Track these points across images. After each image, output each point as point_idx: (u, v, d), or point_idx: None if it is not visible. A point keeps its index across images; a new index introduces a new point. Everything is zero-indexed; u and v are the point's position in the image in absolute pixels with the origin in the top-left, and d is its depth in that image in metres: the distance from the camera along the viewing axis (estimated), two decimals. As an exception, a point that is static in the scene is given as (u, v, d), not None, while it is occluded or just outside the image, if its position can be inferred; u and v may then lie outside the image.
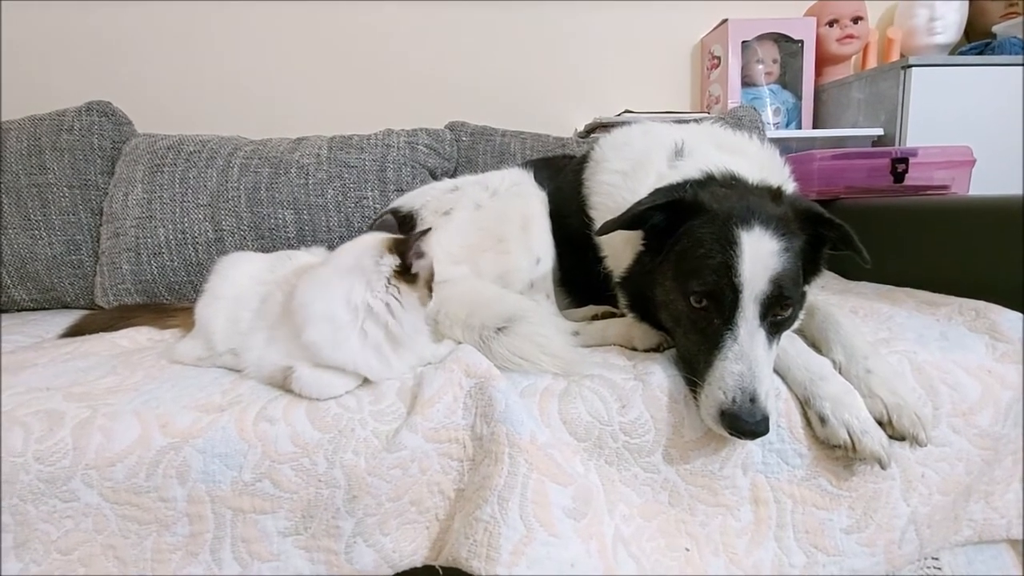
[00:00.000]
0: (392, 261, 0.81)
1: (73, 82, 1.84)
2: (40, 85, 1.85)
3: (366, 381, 0.82)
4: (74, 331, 1.18)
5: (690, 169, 0.91)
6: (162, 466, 0.72)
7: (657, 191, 0.84)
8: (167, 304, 1.34)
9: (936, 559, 0.86)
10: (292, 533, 0.74)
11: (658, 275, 0.83)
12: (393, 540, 0.74)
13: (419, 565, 0.76)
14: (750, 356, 0.71)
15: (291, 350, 0.82)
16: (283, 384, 0.81)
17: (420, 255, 0.83)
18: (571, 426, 0.77)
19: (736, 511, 0.79)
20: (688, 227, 0.79)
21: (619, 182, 1.00)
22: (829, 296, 1.16)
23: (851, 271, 1.34)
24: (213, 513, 0.73)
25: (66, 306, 1.50)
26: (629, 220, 0.82)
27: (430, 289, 0.85)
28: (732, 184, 0.86)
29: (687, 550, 0.77)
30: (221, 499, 0.73)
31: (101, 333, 1.14)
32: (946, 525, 0.81)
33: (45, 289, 1.46)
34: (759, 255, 0.73)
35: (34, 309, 1.49)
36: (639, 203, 0.82)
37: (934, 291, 1.10)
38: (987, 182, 1.50)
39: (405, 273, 0.82)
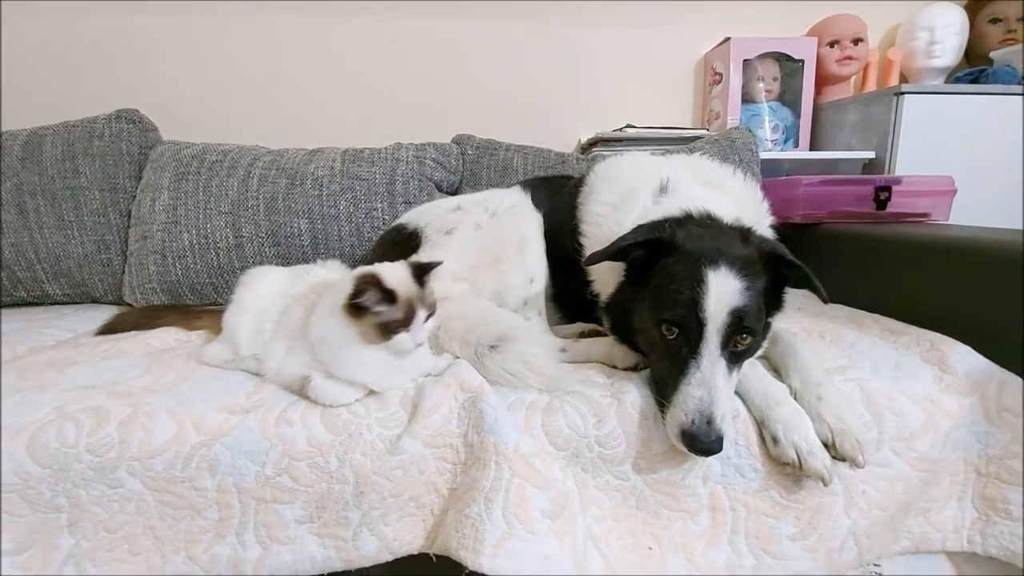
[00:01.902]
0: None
1: (95, 89, 1.96)
2: (57, 91, 1.96)
3: (372, 391, 0.93)
4: (107, 329, 1.30)
5: (672, 207, 1.01)
6: (195, 460, 0.84)
7: (638, 228, 0.94)
8: (193, 306, 1.46)
9: (878, 565, 0.96)
10: (307, 521, 0.86)
11: (636, 305, 0.94)
12: (394, 530, 0.86)
13: (416, 552, 0.88)
14: (710, 383, 0.82)
15: (307, 361, 0.93)
16: (300, 391, 0.93)
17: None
18: (552, 437, 0.89)
19: (696, 516, 0.90)
20: (663, 264, 0.90)
21: (608, 213, 1.10)
22: (803, 318, 1.26)
23: (829, 294, 1.43)
24: (239, 501, 0.85)
25: (96, 301, 1.63)
26: (612, 253, 0.93)
27: (433, 310, 0.95)
28: (708, 224, 0.96)
29: (650, 549, 0.88)
30: (246, 490, 0.85)
31: (133, 332, 1.27)
32: (885, 536, 0.92)
33: (77, 285, 1.59)
34: (723, 292, 0.84)
35: (66, 303, 1.62)
36: (622, 238, 0.92)
37: (905, 318, 1.19)
38: (974, 211, 1.59)
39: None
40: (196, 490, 0.85)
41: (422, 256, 1.19)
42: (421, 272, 0.94)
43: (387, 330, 0.88)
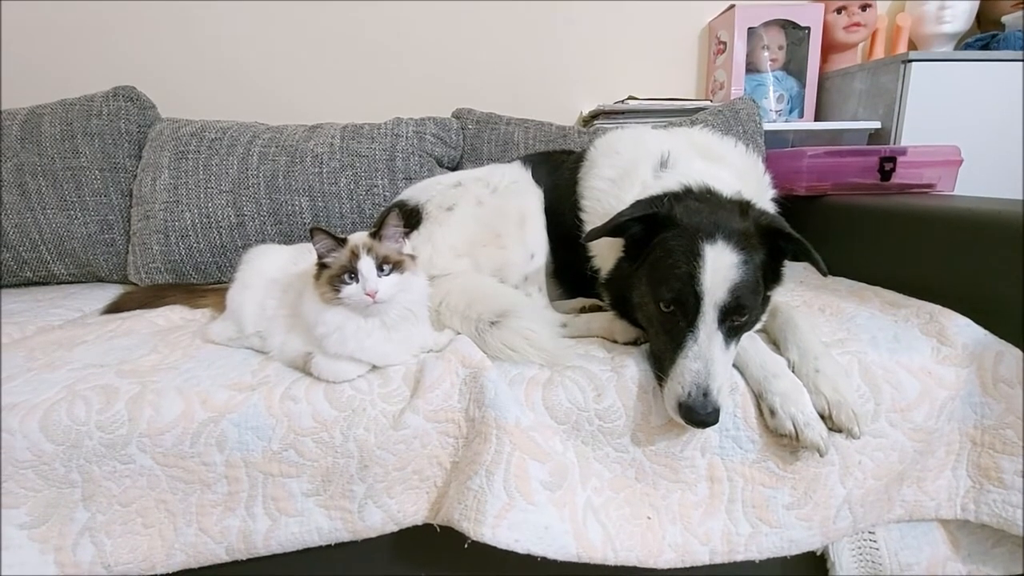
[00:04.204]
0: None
1: (91, 67, 1.93)
2: (53, 69, 1.94)
3: (375, 367, 0.95)
4: (113, 308, 1.32)
5: (671, 181, 1.00)
6: (203, 436, 0.86)
7: (636, 204, 0.94)
8: (196, 284, 1.47)
9: (872, 533, 0.99)
10: (314, 494, 0.88)
11: (634, 280, 0.94)
12: (398, 502, 0.89)
13: (420, 524, 0.90)
14: (707, 356, 0.83)
15: (309, 338, 0.94)
16: (303, 368, 0.95)
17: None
18: (553, 411, 0.90)
19: (694, 487, 0.92)
20: (661, 239, 0.90)
21: (608, 188, 1.10)
22: (804, 291, 1.27)
23: (831, 267, 1.42)
24: (247, 476, 0.88)
25: (101, 280, 1.64)
26: (611, 229, 0.92)
27: (391, 262, 0.92)
28: (707, 198, 0.95)
29: (649, 519, 0.91)
30: (254, 464, 0.87)
31: (138, 311, 1.28)
32: (879, 505, 0.94)
33: (82, 265, 1.60)
34: (719, 267, 0.84)
35: (72, 282, 1.63)
36: (620, 214, 0.92)
37: (909, 290, 1.18)
38: (984, 180, 1.57)
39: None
40: (205, 465, 0.87)
41: (423, 232, 1.20)
42: (378, 225, 0.95)
43: (336, 281, 0.89)
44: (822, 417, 0.87)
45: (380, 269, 0.90)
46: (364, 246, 0.91)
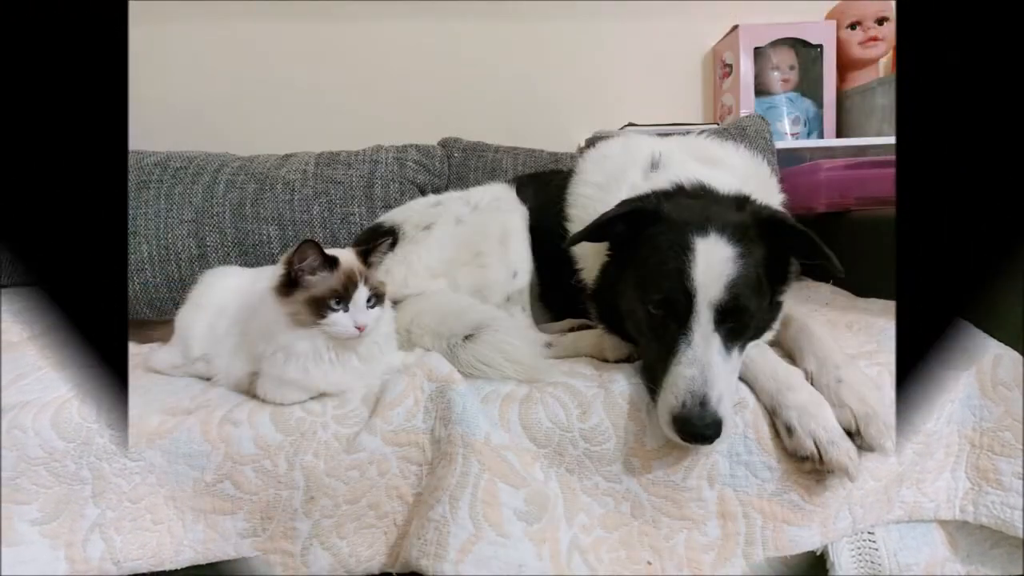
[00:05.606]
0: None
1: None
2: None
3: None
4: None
5: (663, 181, 1.01)
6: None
7: (621, 203, 0.94)
8: (148, 320, 1.48)
9: (871, 533, 0.94)
10: (251, 535, 0.84)
11: (620, 286, 0.93)
12: (350, 544, 0.84)
13: (376, 572, 0.85)
14: (703, 361, 0.79)
15: (255, 357, 0.93)
16: (249, 389, 0.93)
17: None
18: (531, 431, 0.86)
19: (702, 525, 0.86)
20: (647, 235, 0.89)
21: (594, 194, 1.11)
22: (830, 311, 1.24)
23: (861, 288, 1.39)
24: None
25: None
26: (593, 231, 0.92)
27: (379, 294, 0.94)
28: (700, 195, 0.95)
29: (649, 564, 0.84)
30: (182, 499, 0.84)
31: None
32: (879, 506, 0.90)
33: (31, 305, 1.62)
34: (713, 261, 0.82)
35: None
36: (603, 215, 0.92)
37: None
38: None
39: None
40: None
41: (399, 253, 1.21)
42: (366, 252, 0.95)
43: (321, 305, 0.86)
44: (848, 434, 0.82)
45: (368, 300, 0.90)
46: (358, 272, 0.90)
